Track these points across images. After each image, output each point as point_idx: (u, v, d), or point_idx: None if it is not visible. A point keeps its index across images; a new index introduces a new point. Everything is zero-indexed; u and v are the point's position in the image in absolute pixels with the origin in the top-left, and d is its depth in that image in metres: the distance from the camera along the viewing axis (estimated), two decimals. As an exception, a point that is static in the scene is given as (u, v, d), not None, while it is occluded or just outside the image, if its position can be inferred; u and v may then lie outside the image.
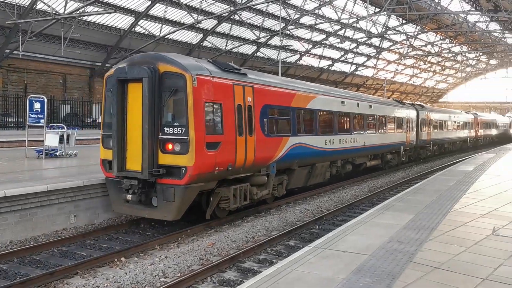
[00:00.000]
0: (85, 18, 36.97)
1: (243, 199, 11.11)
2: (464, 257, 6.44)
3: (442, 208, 9.72)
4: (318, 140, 14.42)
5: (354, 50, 62.97)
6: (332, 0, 44.85)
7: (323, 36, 55.74)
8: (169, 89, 9.43)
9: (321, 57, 62.04)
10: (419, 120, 26.14)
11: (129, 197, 9.49)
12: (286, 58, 57.52)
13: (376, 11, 48.07)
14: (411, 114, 24.96)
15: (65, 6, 31.91)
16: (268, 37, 50.90)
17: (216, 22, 44.67)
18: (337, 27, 53.74)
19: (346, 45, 60.44)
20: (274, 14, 45.66)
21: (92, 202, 10.83)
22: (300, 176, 13.98)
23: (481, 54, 77.62)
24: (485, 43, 66.34)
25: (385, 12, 44.77)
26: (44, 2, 32.54)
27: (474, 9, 49.75)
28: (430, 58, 75.92)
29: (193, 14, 39.81)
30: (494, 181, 14.13)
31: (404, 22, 55.19)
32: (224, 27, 46.89)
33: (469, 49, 72.71)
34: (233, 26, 47.10)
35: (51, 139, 15.32)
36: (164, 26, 42.09)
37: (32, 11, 32.55)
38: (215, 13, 42.44)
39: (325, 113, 15.25)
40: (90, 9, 34.15)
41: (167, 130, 9.46)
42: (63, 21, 33.57)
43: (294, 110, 13.15)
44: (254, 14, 45.93)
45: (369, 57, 67.75)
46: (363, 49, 64.27)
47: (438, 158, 31.60)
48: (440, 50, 70.60)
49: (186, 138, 9.27)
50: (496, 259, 6.34)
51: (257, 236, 10.21)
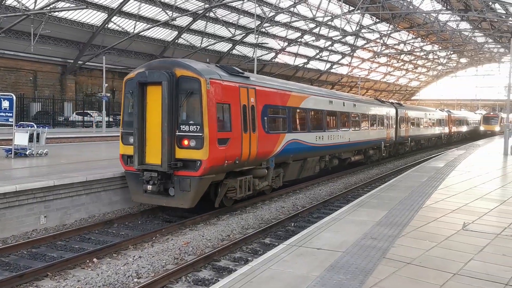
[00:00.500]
0: (56, 14, 36.19)
1: (247, 190, 12.25)
2: (435, 252, 6.55)
3: (414, 204, 9.88)
4: (310, 136, 15.60)
5: (329, 48, 63.50)
6: (307, -2, 45.06)
7: (298, 34, 56.00)
8: (185, 91, 10.54)
9: (296, 55, 62.33)
10: (398, 117, 27.20)
11: (149, 188, 10.52)
12: (261, 56, 57.54)
13: (350, 10, 48.55)
14: (391, 112, 26.04)
15: (35, 1, 31.13)
16: (243, 34, 50.83)
17: (191, 19, 44.33)
18: (312, 25, 54.07)
19: (321, 43, 60.88)
20: (249, 11, 45.59)
21: (63, 202, 10.60)
22: (294, 169, 15.12)
23: (451, 52, 79.33)
24: (455, 42, 67.86)
25: (359, 10, 45.30)
26: (13, -3, 31.69)
27: (445, 8, 50.79)
28: (403, 56, 77.18)
29: (167, 11, 39.42)
30: (464, 177, 14.45)
31: (377, 21, 55.94)
32: (199, 25, 46.58)
33: (440, 48, 74.24)
34: (208, 23, 46.84)
35: (20, 138, 14.96)
36: (138, 23, 41.52)
37: (0, 7, 31.60)
38: (190, 10, 42.13)
39: (315, 111, 16.38)
40: (61, 5, 33.42)
41: (183, 128, 10.54)
42: (33, 17, 32.78)
43: (289, 109, 14.35)
44: (229, 12, 45.77)
45: (343, 55, 68.43)
46: (338, 47, 64.89)
47: (411, 154, 32.40)
48: (412, 48, 71.85)
49: (200, 134, 10.38)
50: (466, 254, 6.47)
51: (232, 234, 10.17)
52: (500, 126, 51.63)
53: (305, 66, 65.82)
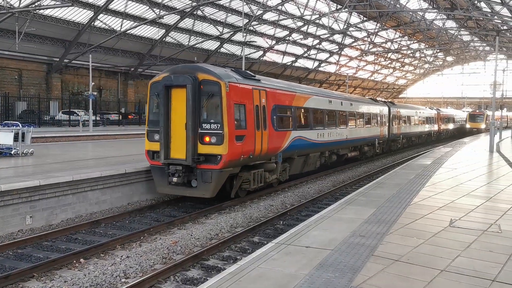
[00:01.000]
0: (41, 11, 35.72)
1: (259, 182, 13.44)
2: (423, 249, 6.59)
3: (402, 201, 9.93)
4: (312, 133, 16.80)
5: (317, 46, 63.65)
6: (294, -4, 45.11)
7: (286, 32, 56.04)
8: (206, 93, 11.65)
9: (284, 53, 62.38)
10: (391, 116, 28.31)
11: (174, 179, 11.61)
12: (249, 54, 57.48)
13: (337, 8, 48.71)
14: (384, 110, 27.13)
15: (19, -1, 30.71)
16: (231, 33, 50.70)
17: (178, 17, 44.08)
18: (300, 24, 54.15)
19: (309, 41, 61.02)
20: (237, 10, 45.49)
21: (49, 202, 10.47)
22: (298, 164, 16.30)
23: (438, 51, 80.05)
24: (442, 41, 68.48)
25: (346, 9, 45.46)
26: (-4, -5, 31.19)
27: (431, 7, 51.22)
28: (390, 54, 77.71)
29: (155, 9, 39.15)
30: (451, 174, 14.58)
31: (365, 19, 56.21)
32: (186, 23, 46.33)
33: (426, 46, 74.88)
34: (196, 21, 46.60)
35: (5, 138, 14.76)
36: (125, 20, 41.15)
37: (-16, 4, 31.11)
38: (178, 8, 41.88)
39: (317, 111, 17.51)
40: (46, 2, 32.96)
41: (205, 126, 11.67)
42: (18, 14, 32.33)
43: (295, 108, 15.57)
44: (217, 10, 45.60)
45: (331, 53, 68.66)
46: (326, 45, 65.09)
47: (403, 151, 33.26)
48: (399, 47, 72.33)
49: (221, 132, 11.50)
50: (453, 251, 6.52)
51: (221, 233, 10.14)
52: (485, 123, 52.25)
53: (293, 64, 65.91)
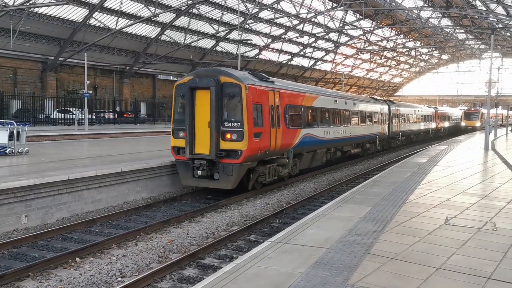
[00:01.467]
0: (36, 10, 35.54)
1: (273, 175, 14.51)
2: (418, 247, 6.61)
3: (398, 199, 9.96)
4: (320, 131, 17.89)
5: (313, 44, 63.65)
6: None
7: (282, 30, 55.99)
8: (228, 95, 12.66)
9: (280, 51, 62.34)
10: (391, 114, 29.43)
11: (199, 173, 12.67)
12: (245, 53, 57.43)
13: (333, 6, 48.70)
14: (384, 109, 28.32)
15: (14, -3, 30.53)
16: (227, 31, 50.61)
17: (174, 15, 43.96)
18: (295, 22, 54.11)
19: (305, 39, 61.02)
20: (232, 8, 45.40)
21: (44, 201, 10.43)
22: (306, 159, 17.33)
23: (433, 49, 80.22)
24: (437, 39, 68.63)
25: (342, 7, 45.46)
26: (-9, -7, 31.00)
27: (427, 5, 51.31)
28: (385, 53, 77.81)
29: (150, 7, 39.03)
30: (446, 172, 14.63)
31: (360, 17, 56.24)
32: (182, 21, 46.21)
33: (422, 44, 75.03)
34: (191, 20, 46.50)
35: (0, 136, 14.68)
36: (120, 19, 41.00)
37: (-23, 2, 30.93)
38: (173, 6, 41.77)
39: (324, 110, 18.61)
40: (41, 0, 32.76)
41: (227, 124, 12.69)
42: (13, 13, 32.15)
43: (304, 108, 16.62)
44: (213, 8, 45.49)
45: (327, 51, 68.68)
46: (322, 43, 65.07)
47: (402, 148, 34.03)
48: (395, 45, 72.46)
49: (241, 130, 12.55)
50: (449, 248, 6.54)
51: (217, 231, 10.13)
52: (481, 121, 52.47)
53: (289, 62, 65.88)
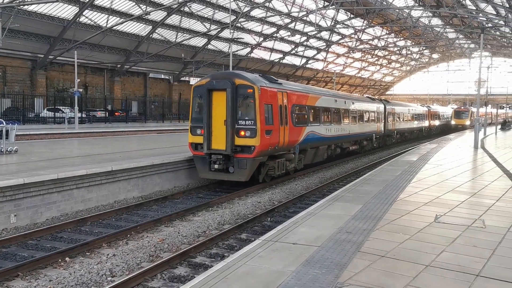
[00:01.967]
0: (25, 7, 35.21)
1: (281, 169, 15.78)
2: (408, 244, 6.64)
3: (389, 197, 10.00)
4: (322, 129, 19.05)
5: (305, 43, 63.74)
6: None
7: (274, 29, 56.00)
8: (242, 96, 13.86)
9: (272, 50, 62.35)
10: (386, 113, 30.61)
11: (216, 166, 13.85)
12: (237, 51, 57.35)
13: (325, 5, 48.77)
14: (380, 108, 29.39)
15: (3, -6, 30.23)
16: (218, 29, 50.50)
17: (165, 13, 43.78)
18: (287, 20, 54.13)
19: (297, 38, 61.08)
20: (224, 6, 45.30)
21: (34, 200, 10.34)
22: (310, 155, 18.45)
23: (424, 48, 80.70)
24: (427, 38, 69.04)
25: (333, 6, 45.54)
26: (-21, -10, 30.67)
27: (417, 4, 51.56)
28: (377, 51, 78.12)
29: (141, 5, 38.85)
30: (436, 170, 14.73)
31: (352, 16, 56.40)
32: (173, 19, 46.06)
33: (413, 43, 75.43)
34: (183, 18, 46.34)
35: (-11, 135, 14.53)
36: (111, 16, 40.76)
37: (-34, -1, 30.60)
38: (164, 4, 41.60)
39: (325, 109, 19.75)
40: (30, -3, 32.44)
41: (241, 122, 13.85)
42: (2, 10, 31.81)
43: (308, 107, 17.82)
44: (204, 6, 45.38)
45: (319, 50, 68.81)
46: (313, 42, 65.19)
47: (397, 145, 34.77)
48: (386, 44, 72.78)
49: (254, 127, 13.71)
50: (438, 246, 6.58)
51: (208, 230, 10.11)
52: (470, 120, 52.90)
53: (280, 61, 65.93)
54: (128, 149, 17.92)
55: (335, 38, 65.59)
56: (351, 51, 72.62)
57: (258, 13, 49.47)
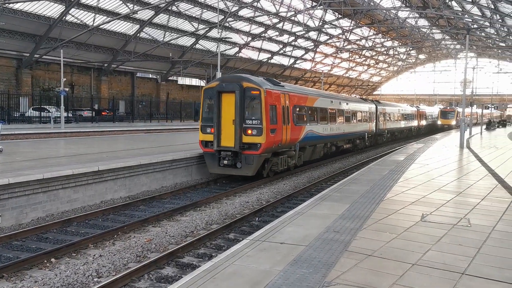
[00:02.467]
0: (11, 5, 34.74)
1: (283, 165, 17.09)
2: (395, 243, 6.69)
3: (376, 197, 10.06)
4: (320, 128, 20.24)
5: (293, 43, 63.87)
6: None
7: (262, 29, 56.03)
8: (249, 97, 15.09)
9: (260, 50, 62.37)
10: (377, 113, 31.80)
11: (225, 162, 15.07)
12: (225, 51, 57.24)
13: (313, 5, 48.93)
14: (372, 108, 30.61)
15: (-13, -8, 29.81)
16: (206, 29, 50.35)
17: (153, 12, 43.53)
18: (275, 20, 54.19)
19: (285, 38, 61.17)
20: (212, 6, 45.19)
21: (19, 201, 10.21)
22: (308, 153, 19.68)
23: (410, 49, 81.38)
24: (414, 39, 69.66)
25: (321, 6, 45.69)
26: (-37, -13, 30.18)
27: (404, 5, 51.99)
28: (364, 52, 78.59)
29: (128, 4, 38.57)
30: (423, 169, 14.86)
31: (339, 16, 56.66)
32: (161, 18, 45.82)
33: (400, 44, 76.03)
34: (171, 17, 46.13)
35: (-27, 135, 14.30)
36: (97, 15, 40.41)
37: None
38: (152, 3, 41.36)
39: (322, 109, 20.97)
40: (15, -5, 32.04)
41: (248, 122, 15.08)
42: (-14, 8, 31.36)
43: (308, 108, 19.13)
44: (192, 6, 45.22)
45: (307, 50, 69.01)
46: (301, 42, 65.36)
47: (387, 144, 35.40)
48: (373, 44, 73.26)
49: (260, 126, 14.96)
50: (424, 245, 6.64)
51: (196, 230, 10.08)
52: (456, 120, 53.49)
53: (269, 61, 65.99)
54: (115, 149, 17.78)
55: (323, 38, 65.85)
56: (339, 51, 72.96)
57: (246, 12, 49.44)
